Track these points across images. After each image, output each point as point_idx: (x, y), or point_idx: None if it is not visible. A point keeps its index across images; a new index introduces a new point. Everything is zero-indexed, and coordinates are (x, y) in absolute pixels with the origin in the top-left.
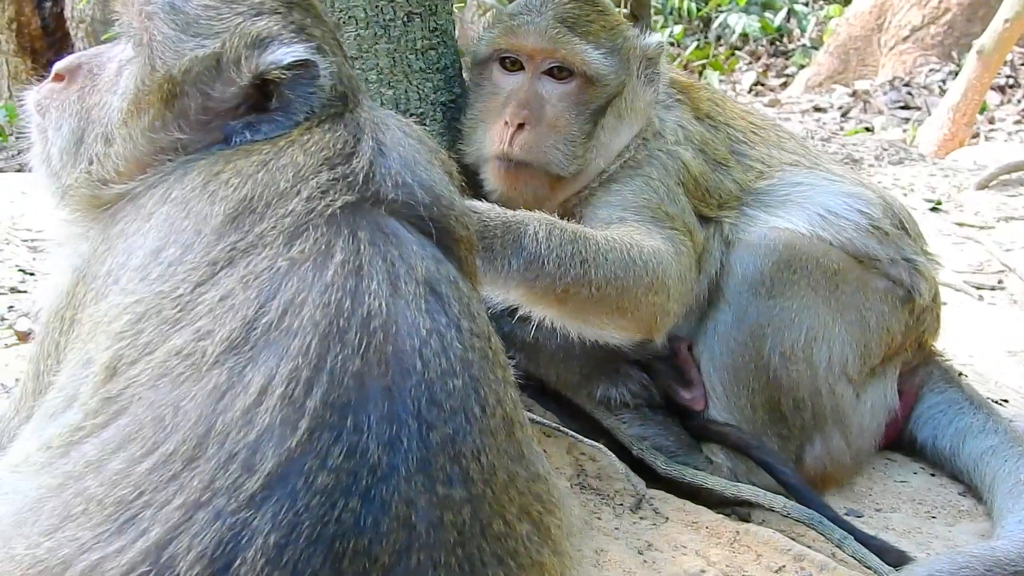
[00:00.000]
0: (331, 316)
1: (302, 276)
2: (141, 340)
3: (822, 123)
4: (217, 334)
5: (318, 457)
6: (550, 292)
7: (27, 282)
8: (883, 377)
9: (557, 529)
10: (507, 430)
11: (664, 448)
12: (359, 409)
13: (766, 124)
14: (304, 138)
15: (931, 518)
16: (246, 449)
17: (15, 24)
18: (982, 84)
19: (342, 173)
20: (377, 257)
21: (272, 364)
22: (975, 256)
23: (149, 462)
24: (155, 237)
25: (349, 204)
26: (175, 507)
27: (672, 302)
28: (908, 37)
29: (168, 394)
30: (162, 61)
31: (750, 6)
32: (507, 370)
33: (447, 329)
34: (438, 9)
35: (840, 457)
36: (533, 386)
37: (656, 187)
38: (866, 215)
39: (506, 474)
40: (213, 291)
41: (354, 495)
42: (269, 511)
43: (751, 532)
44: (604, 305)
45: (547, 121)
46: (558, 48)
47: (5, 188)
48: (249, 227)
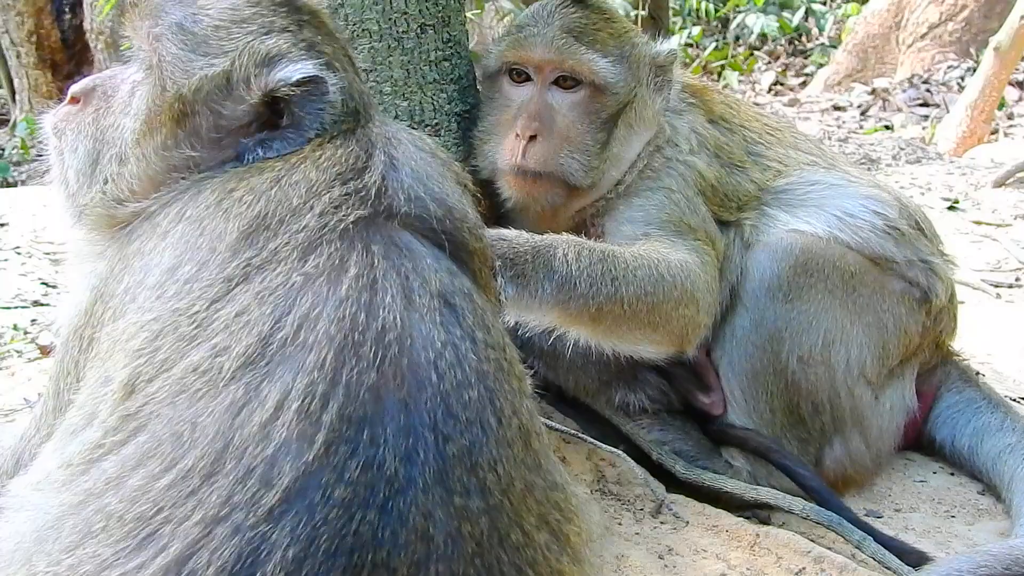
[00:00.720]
0: (346, 330)
1: (317, 291)
2: (158, 357)
3: (841, 122)
4: (233, 350)
5: (335, 470)
6: (584, 312)
7: (49, 295)
8: (901, 378)
9: (576, 537)
10: (524, 440)
11: (683, 453)
12: (376, 422)
13: (781, 126)
14: (316, 154)
15: (950, 517)
16: (264, 464)
17: (35, 37)
18: (1000, 81)
19: (354, 188)
20: (391, 271)
21: (288, 379)
22: (992, 254)
23: (168, 478)
24: (171, 255)
25: (362, 218)
26: (194, 523)
27: (702, 314)
28: (926, 34)
29: (186, 410)
30: (172, 81)
31: (768, 6)
32: (523, 381)
33: (461, 341)
34: (451, 21)
35: (860, 459)
36: (552, 393)
37: (677, 199)
38: (882, 216)
39: (523, 484)
40: (229, 307)
41: (372, 508)
42: (287, 525)
43: (771, 535)
44: (636, 321)
45: (558, 131)
46: (565, 58)
47: (27, 201)
48: (263, 243)
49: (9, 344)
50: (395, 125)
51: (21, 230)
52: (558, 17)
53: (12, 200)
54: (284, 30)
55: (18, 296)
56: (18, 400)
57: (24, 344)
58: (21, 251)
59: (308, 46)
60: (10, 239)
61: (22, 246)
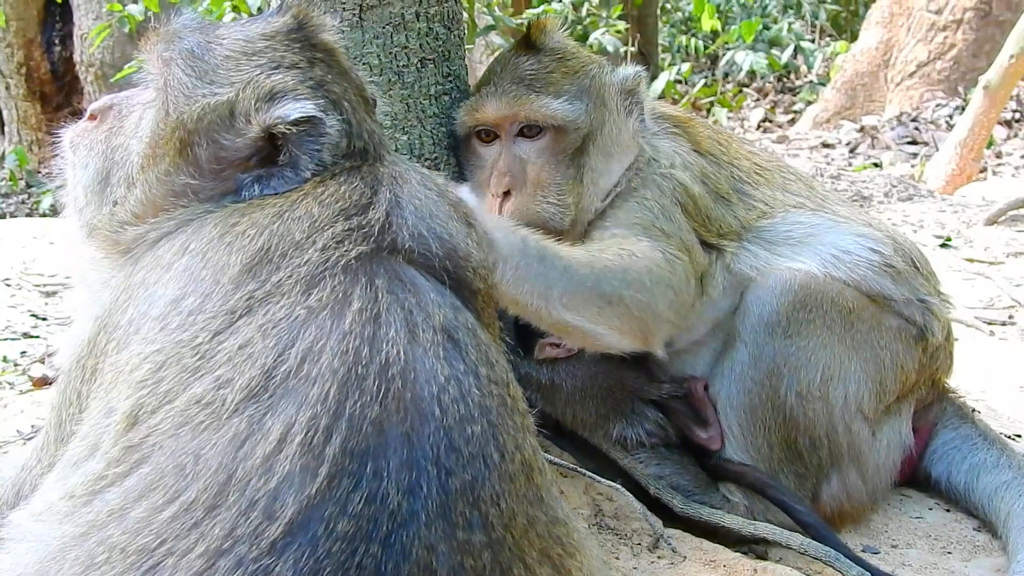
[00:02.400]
0: (349, 363)
1: (320, 324)
2: (161, 388)
3: (830, 159)
4: (236, 382)
5: (338, 504)
6: (530, 284)
7: (39, 327)
8: (898, 415)
9: (578, 572)
10: (526, 475)
11: (681, 487)
12: (378, 455)
13: (771, 166)
14: (319, 190)
15: (947, 553)
16: (267, 497)
17: (24, 69)
18: (989, 119)
19: (358, 224)
20: (395, 305)
21: (291, 412)
22: (985, 292)
23: (171, 510)
24: (175, 287)
25: (365, 253)
26: (197, 555)
27: (663, 307)
28: (914, 73)
29: (189, 442)
30: (175, 106)
31: (757, 43)
32: (526, 417)
33: (465, 376)
34: (451, 55)
35: (857, 494)
36: (550, 427)
37: (650, 206)
38: (878, 254)
39: (525, 518)
40: (232, 339)
41: (375, 541)
42: (291, 558)
43: (768, 570)
44: (585, 296)
45: (531, 181)
46: (518, 110)
47: (16, 233)
48: (266, 276)
49: (1, 376)
50: (406, 164)
51: (11, 262)
52: (508, 70)
53: (1, 232)
54: (293, 66)
55: (8, 328)
56: (11, 432)
57: (15, 376)
58: (11, 283)
59: (316, 84)
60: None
61: (12, 278)
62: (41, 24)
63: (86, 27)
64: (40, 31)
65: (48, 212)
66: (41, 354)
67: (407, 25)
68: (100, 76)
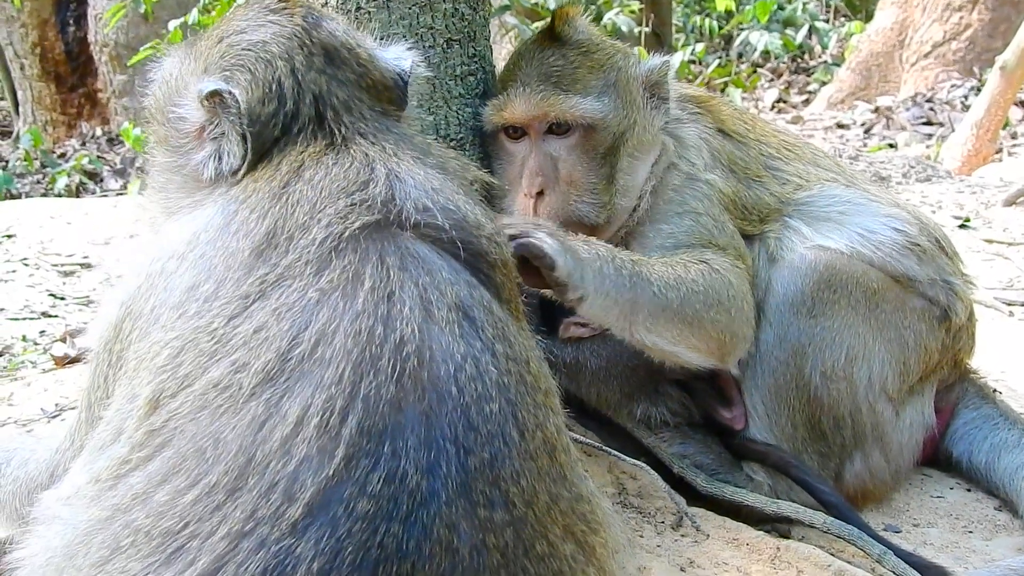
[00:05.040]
0: (363, 344)
1: (333, 305)
2: (180, 373)
3: (845, 140)
4: (252, 366)
5: (357, 484)
6: (615, 301)
7: (57, 306)
8: (921, 395)
9: (602, 548)
10: (548, 453)
11: (704, 466)
12: (396, 435)
13: (799, 142)
14: (308, 175)
15: (968, 533)
16: (286, 478)
17: (39, 49)
18: (1005, 100)
19: (360, 199)
20: (408, 282)
21: (307, 394)
22: (1005, 272)
23: (193, 493)
24: (190, 275)
25: (372, 225)
26: (220, 537)
27: (737, 323)
28: (930, 53)
29: (208, 426)
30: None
31: (771, 24)
32: (549, 396)
33: (482, 353)
34: (477, 36)
35: (880, 474)
36: (574, 406)
37: (705, 222)
38: (904, 234)
39: (548, 496)
40: (247, 324)
41: (395, 520)
42: (312, 538)
43: (791, 548)
44: (668, 315)
45: (563, 179)
46: (548, 110)
47: (33, 213)
48: (276, 260)
49: (23, 355)
50: (403, 139)
51: (28, 242)
52: (535, 66)
53: (19, 212)
54: (249, 47)
55: (26, 307)
56: (36, 411)
57: (37, 355)
58: (29, 263)
59: (243, 63)
60: (17, 251)
61: (29, 258)
62: (55, 5)
63: (101, 8)
64: (54, 11)
65: (63, 192)
66: (63, 333)
67: (433, 6)
68: (114, 57)
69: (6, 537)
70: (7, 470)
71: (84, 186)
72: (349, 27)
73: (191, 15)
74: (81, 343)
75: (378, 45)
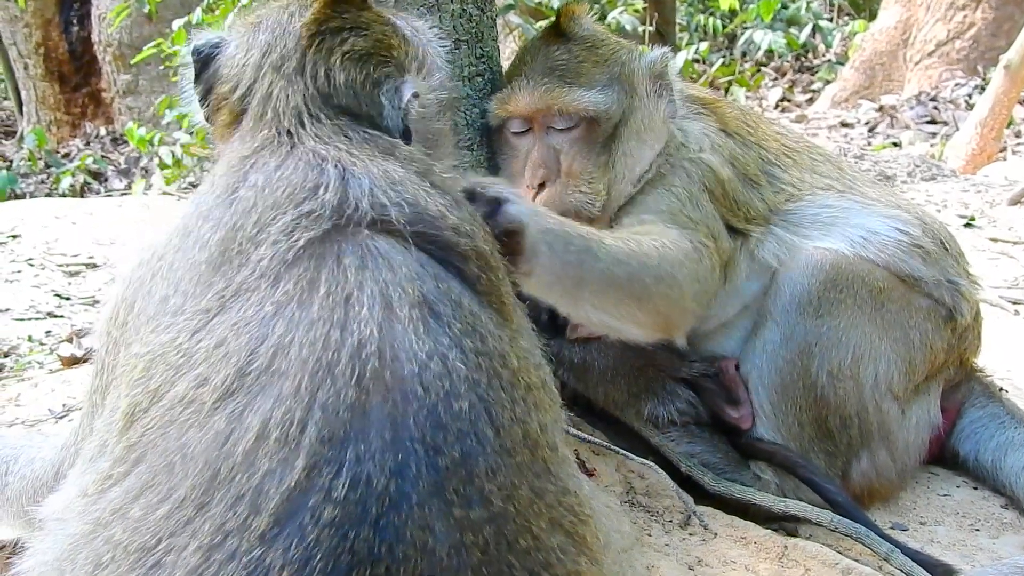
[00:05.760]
0: (319, 352)
1: (288, 317)
2: (151, 387)
3: (849, 138)
4: (213, 381)
5: (321, 491)
6: (559, 276)
7: (63, 307)
8: (927, 394)
9: (594, 539)
10: (529, 448)
11: (712, 465)
12: (360, 439)
13: (800, 147)
14: (254, 178)
15: (975, 531)
16: (251, 491)
17: (42, 49)
18: (1009, 98)
19: (307, 209)
20: (368, 282)
21: (267, 408)
22: (1010, 271)
23: (164, 508)
24: (163, 286)
25: (325, 234)
26: (192, 551)
27: (687, 299)
28: (933, 52)
29: (176, 441)
30: None
31: (775, 22)
32: (534, 391)
33: (449, 350)
34: (484, 36)
35: (886, 473)
36: (581, 405)
37: (678, 193)
38: (906, 235)
39: (530, 490)
40: (208, 339)
41: (365, 525)
42: (280, 547)
43: (799, 547)
44: (616, 291)
45: (564, 171)
46: (551, 104)
47: (38, 213)
48: (232, 275)
49: (29, 356)
50: (360, 133)
51: (33, 242)
52: (539, 60)
53: (24, 212)
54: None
55: (32, 307)
56: (43, 412)
57: (43, 355)
58: (34, 263)
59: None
60: (23, 251)
61: (35, 258)
62: (59, 4)
63: (104, 7)
64: (58, 11)
65: (68, 192)
66: (69, 333)
67: (441, 6)
68: (118, 56)
69: (12, 540)
70: (15, 467)
71: (88, 186)
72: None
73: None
74: (87, 343)
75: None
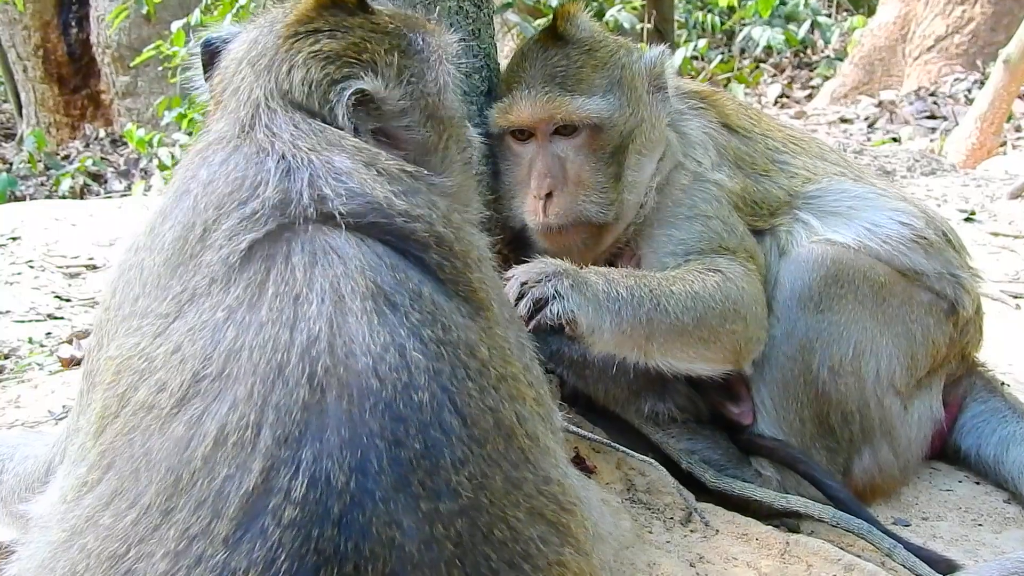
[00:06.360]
0: (268, 355)
1: (238, 322)
2: (119, 391)
3: (849, 134)
4: (171, 387)
5: (280, 493)
6: (632, 332)
7: (63, 308)
8: (929, 389)
9: (580, 528)
10: (504, 438)
11: (713, 462)
12: (316, 438)
13: (805, 137)
14: (203, 173)
15: (977, 526)
16: (213, 495)
17: (41, 51)
18: (1009, 93)
19: (251, 210)
20: (318, 279)
21: (223, 413)
22: (1011, 265)
23: (132, 515)
24: (136, 286)
25: (270, 235)
26: (160, 557)
27: (752, 328)
28: (932, 47)
29: (141, 447)
30: None
31: (774, 19)
32: (508, 380)
33: (407, 340)
34: (482, 33)
35: (888, 468)
36: (582, 403)
37: (714, 226)
38: (910, 228)
39: (504, 480)
40: (167, 344)
41: (327, 523)
42: (244, 550)
43: (801, 543)
44: (686, 338)
45: (572, 180)
46: (553, 112)
47: (38, 215)
48: (186, 279)
49: (30, 357)
50: (302, 123)
51: (33, 244)
52: (538, 67)
53: (24, 214)
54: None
55: (32, 309)
56: (43, 413)
57: (43, 357)
58: (34, 265)
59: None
60: (23, 253)
61: (35, 260)
62: (58, 6)
63: (103, 9)
64: (57, 13)
65: (67, 194)
66: (69, 334)
67: (438, 3)
68: (117, 58)
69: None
70: (9, 465)
71: (88, 188)
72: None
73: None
74: (87, 344)
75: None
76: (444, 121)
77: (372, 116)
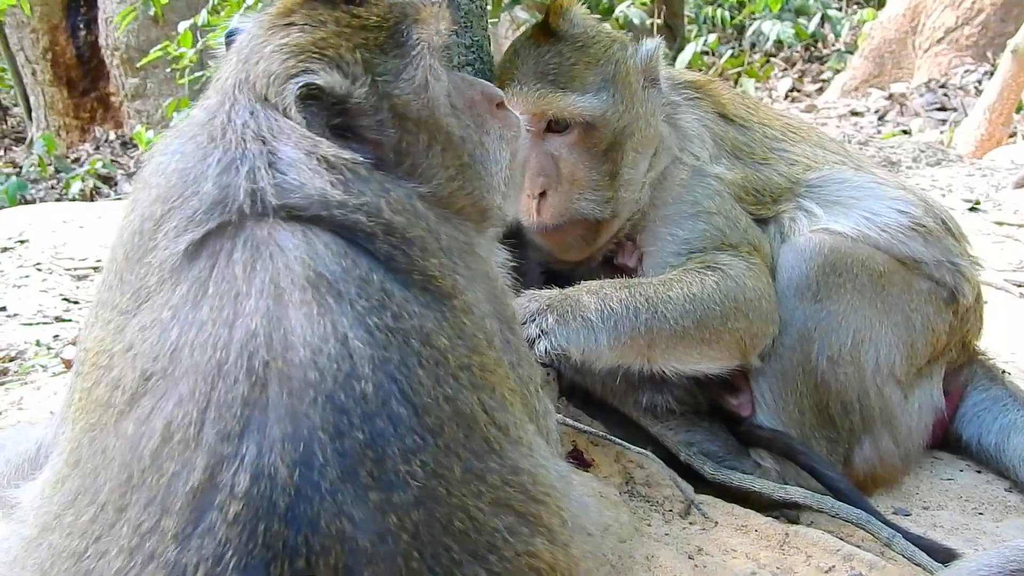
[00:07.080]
0: (208, 353)
1: (182, 321)
2: (85, 386)
3: (859, 127)
4: (123, 384)
5: (225, 488)
6: (634, 342)
7: (71, 311)
8: (929, 377)
9: (552, 518)
10: (463, 428)
11: (711, 453)
12: (258, 432)
13: (804, 126)
14: (156, 162)
15: (978, 515)
16: (162, 492)
17: (50, 54)
18: (1018, 83)
19: (191, 210)
20: (259, 274)
21: (169, 411)
22: (1015, 254)
23: (90, 513)
24: (111, 276)
25: (210, 233)
26: (115, 555)
27: (757, 323)
28: (942, 39)
29: (100, 445)
30: None
31: (784, 13)
32: (473, 370)
33: (350, 329)
34: (474, 25)
35: (889, 458)
36: (579, 396)
37: (717, 222)
38: (909, 216)
39: (464, 470)
40: (123, 341)
41: (273, 518)
42: (193, 547)
43: (800, 534)
44: (687, 341)
45: (565, 177)
46: (546, 108)
47: (47, 218)
48: (142, 275)
49: (34, 359)
50: (265, 115)
51: (42, 246)
52: (531, 63)
53: (32, 217)
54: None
55: (40, 312)
56: (45, 414)
57: (48, 359)
58: (42, 267)
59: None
60: (31, 256)
61: (43, 262)
62: (66, 9)
63: (111, 11)
64: (65, 16)
65: (77, 197)
66: (74, 336)
67: None
68: (126, 60)
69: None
70: (2, 454)
71: (98, 190)
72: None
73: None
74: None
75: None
76: (422, 122)
77: (331, 112)
